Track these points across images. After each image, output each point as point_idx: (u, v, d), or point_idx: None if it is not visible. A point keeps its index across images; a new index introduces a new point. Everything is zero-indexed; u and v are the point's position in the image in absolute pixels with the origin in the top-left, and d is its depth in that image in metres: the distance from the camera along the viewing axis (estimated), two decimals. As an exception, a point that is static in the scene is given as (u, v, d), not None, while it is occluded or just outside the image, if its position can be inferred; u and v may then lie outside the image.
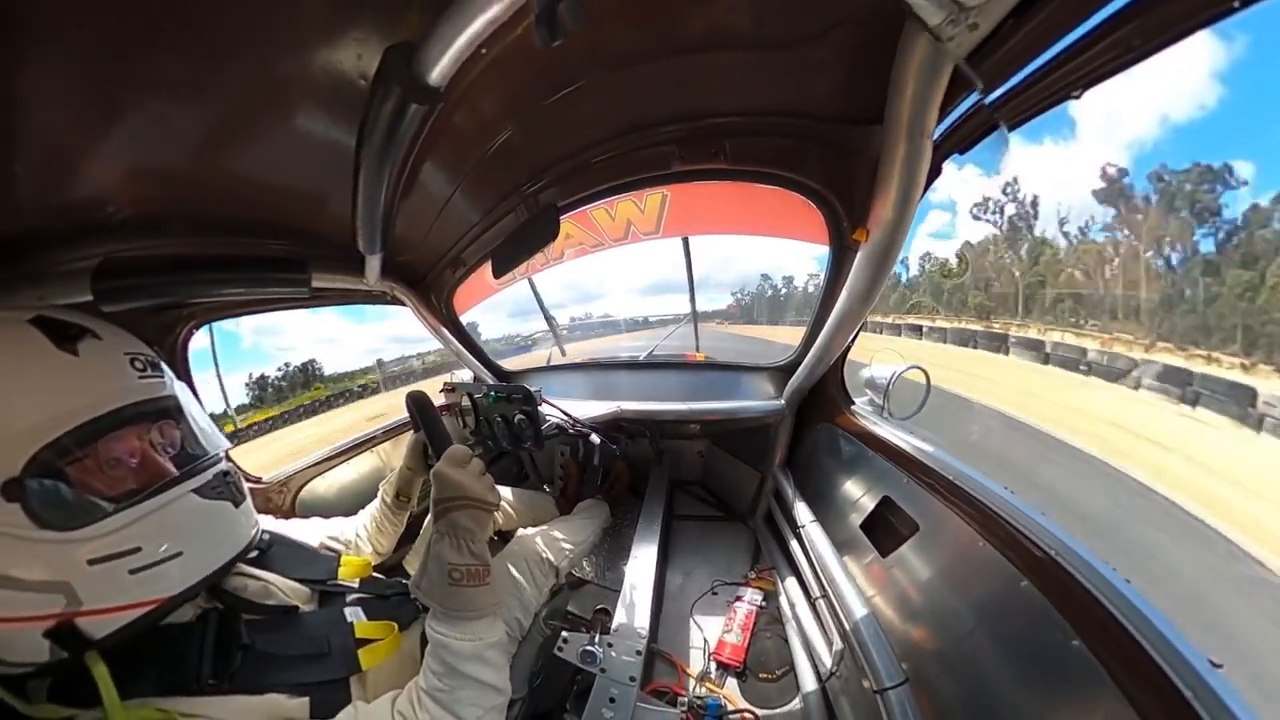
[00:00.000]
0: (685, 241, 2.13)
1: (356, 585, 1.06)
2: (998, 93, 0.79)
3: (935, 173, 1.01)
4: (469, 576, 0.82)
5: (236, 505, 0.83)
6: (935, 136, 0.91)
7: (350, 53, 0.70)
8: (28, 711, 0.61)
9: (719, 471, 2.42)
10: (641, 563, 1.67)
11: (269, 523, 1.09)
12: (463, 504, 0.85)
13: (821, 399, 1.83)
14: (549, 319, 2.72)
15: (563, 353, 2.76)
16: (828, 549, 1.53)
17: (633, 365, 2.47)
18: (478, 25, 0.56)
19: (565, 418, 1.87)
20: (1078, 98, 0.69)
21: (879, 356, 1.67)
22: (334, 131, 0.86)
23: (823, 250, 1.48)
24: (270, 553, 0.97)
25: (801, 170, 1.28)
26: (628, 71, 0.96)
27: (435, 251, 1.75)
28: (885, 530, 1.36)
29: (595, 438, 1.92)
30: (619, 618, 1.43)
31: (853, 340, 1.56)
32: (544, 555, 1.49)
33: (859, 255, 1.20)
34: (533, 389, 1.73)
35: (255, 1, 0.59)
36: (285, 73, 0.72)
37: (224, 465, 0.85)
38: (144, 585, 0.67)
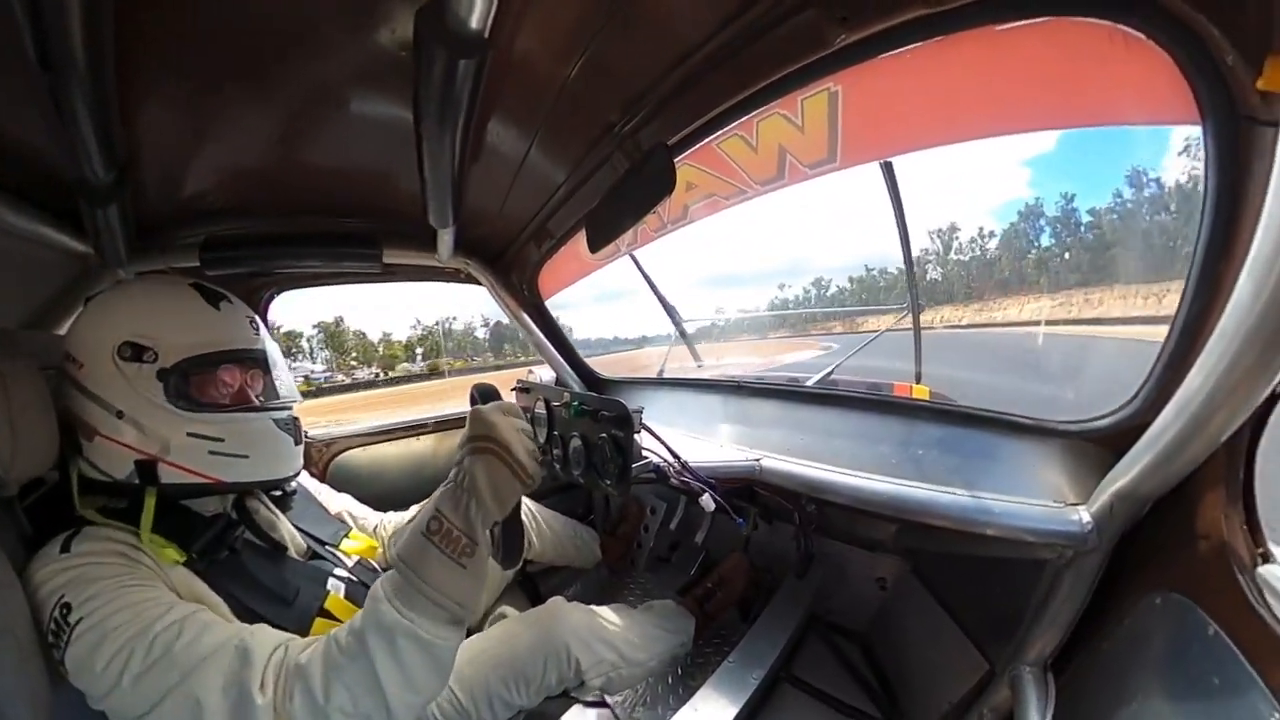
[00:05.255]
0: (887, 168, 1.13)
1: (351, 563, 1.12)
2: None
3: None
4: (446, 540, 0.72)
5: (296, 443, 1.03)
6: None
7: (383, 29, 0.73)
8: (80, 507, 0.83)
9: (905, 629, 1.31)
10: None
11: (305, 479, 1.21)
12: (488, 448, 0.76)
13: (1177, 527, 0.69)
14: (668, 308, 1.97)
15: (696, 360, 1.99)
16: None
17: (792, 393, 1.55)
18: None
19: (671, 458, 1.25)
20: None
21: None
22: (389, 108, 0.92)
23: None
24: (291, 500, 1.12)
25: None
26: None
27: (515, 223, 1.53)
28: None
29: (709, 500, 1.24)
30: None
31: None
32: (571, 655, 1.13)
33: None
34: (633, 409, 1.19)
35: (286, 15, 0.69)
36: (330, 67, 0.82)
37: (295, 412, 1.04)
38: (212, 465, 0.90)
